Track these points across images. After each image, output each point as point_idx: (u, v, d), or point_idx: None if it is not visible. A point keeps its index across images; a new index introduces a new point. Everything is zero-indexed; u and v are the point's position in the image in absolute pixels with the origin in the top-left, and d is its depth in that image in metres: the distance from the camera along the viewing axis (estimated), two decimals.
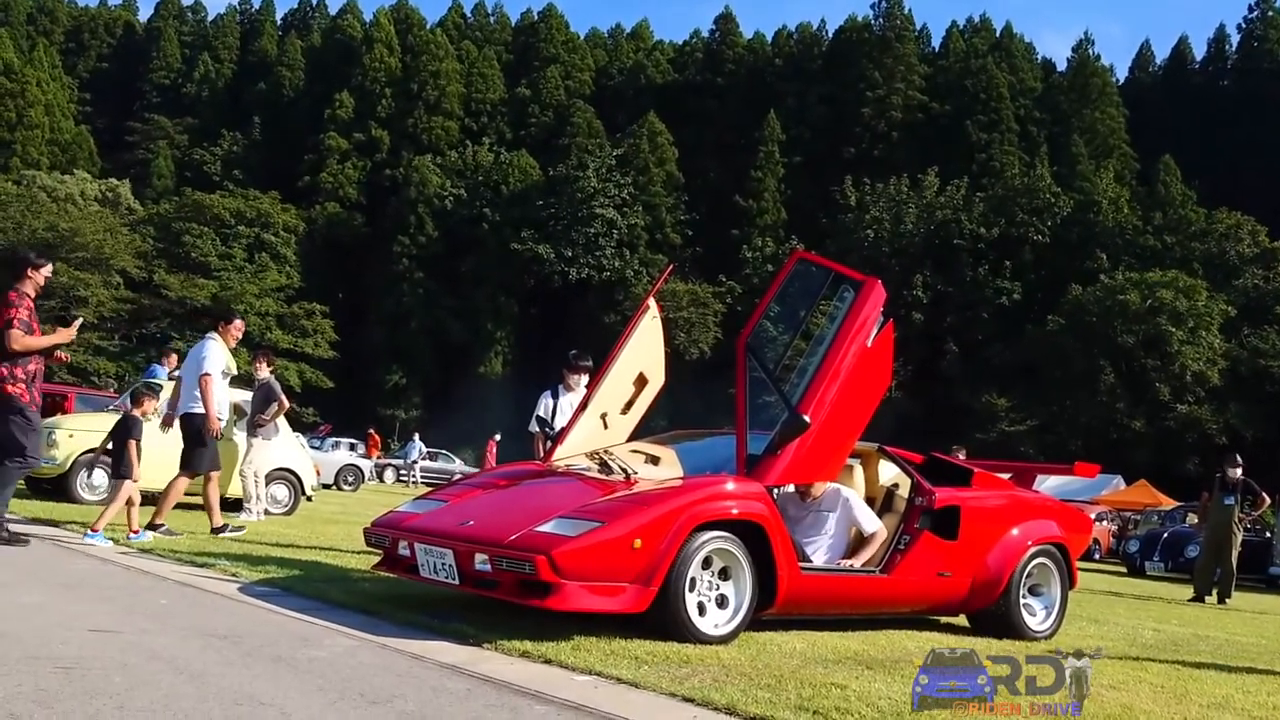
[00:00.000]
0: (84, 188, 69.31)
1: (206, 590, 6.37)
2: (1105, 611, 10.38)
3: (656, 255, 69.03)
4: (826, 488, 6.89)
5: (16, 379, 7.44)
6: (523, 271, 68.07)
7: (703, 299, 64.37)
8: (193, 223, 67.58)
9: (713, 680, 4.82)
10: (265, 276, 67.06)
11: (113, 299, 63.68)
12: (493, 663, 4.92)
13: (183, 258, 66.15)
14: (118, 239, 64.38)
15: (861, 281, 6.52)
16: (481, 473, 7.14)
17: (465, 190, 71.85)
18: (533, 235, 67.47)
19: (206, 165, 77.43)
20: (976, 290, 61.54)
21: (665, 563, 5.51)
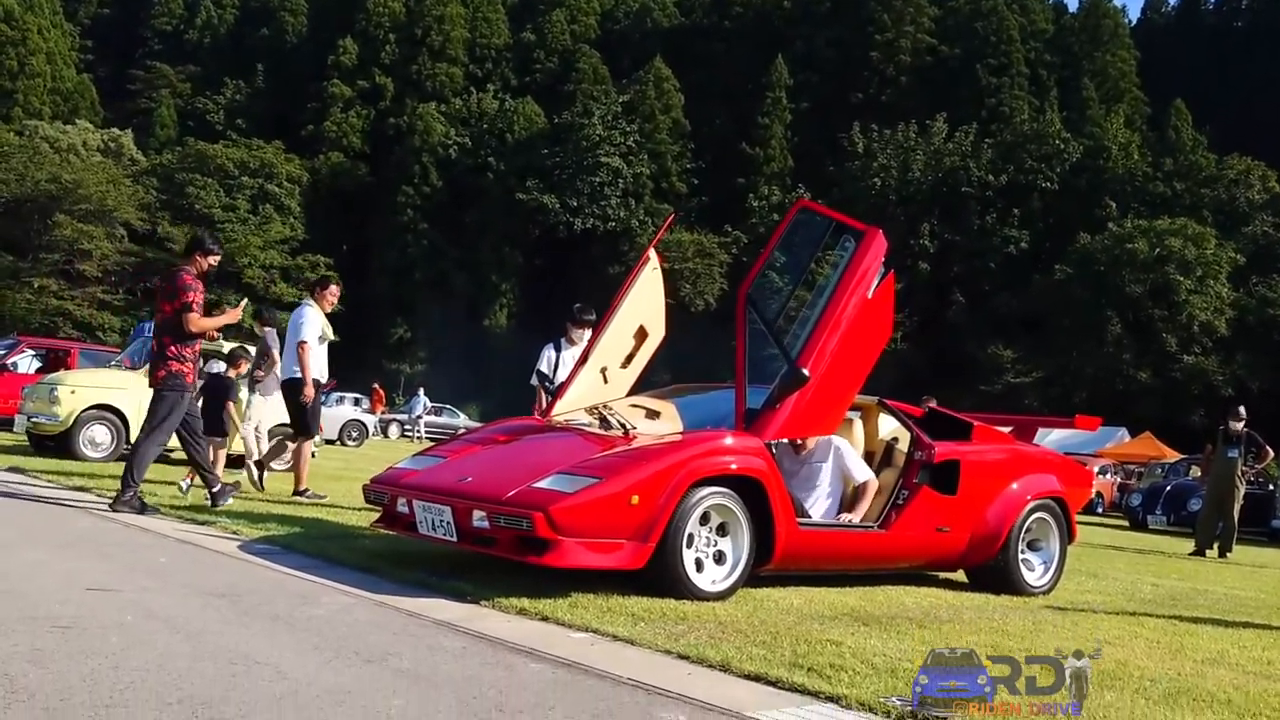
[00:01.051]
0: (86, 138, 68.97)
1: (206, 548, 6.38)
2: (1105, 565, 10.41)
3: (662, 205, 68.69)
4: (819, 439, 6.88)
5: (185, 358, 7.80)
6: (527, 222, 67.83)
7: (708, 249, 64.15)
8: (196, 174, 67.31)
9: (708, 637, 4.83)
10: (269, 228, 66.89)
11: (116, 252, 63.67)
12: (489, 620, 4.93)
13: (186, 209, 65.94)
14: (121, 191, 64.16)
15: (863, 231, 6.47)
16: (481, 428, 7.12)
17: (470, 139, 71.44)
18: (537, 185, 67.14)
19: (209, 114, 76.93)
20: (984, 239, 61.26)
21: (663, 519, 5.51)
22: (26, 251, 62.99)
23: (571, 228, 67.02)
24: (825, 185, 65.51)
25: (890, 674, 4.33)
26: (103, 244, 63.16)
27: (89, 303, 62.73)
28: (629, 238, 66.30)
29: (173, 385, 7.73)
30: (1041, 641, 5.37)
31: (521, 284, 69.23)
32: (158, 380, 7.76)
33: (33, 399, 11.73)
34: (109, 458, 11.46)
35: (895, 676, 4.28)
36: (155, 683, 3.34)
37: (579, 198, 67.06)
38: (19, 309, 60.34)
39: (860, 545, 6.59)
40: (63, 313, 61.07)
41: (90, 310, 62.28)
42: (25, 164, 63.66)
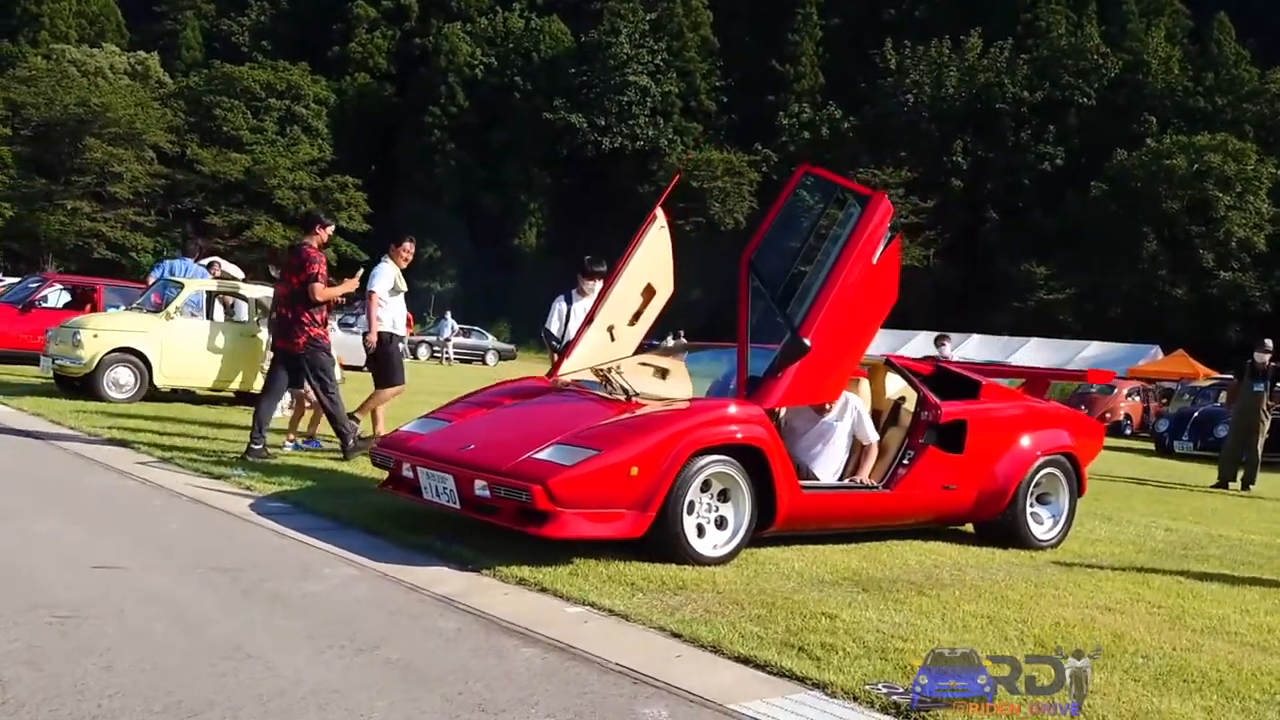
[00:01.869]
0: (113, 61, 68.79)
1: (217, 509, 6.48)
2: (1122, 506, 10.39)
3: (691, 123, 67.99)
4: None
5: (318, 322, 8.57)
6: (555, 142, 67.24)
7: (738, 168, 63.44)
8: (223, 96, 67.02)
9: (704, 611, 4.88)
10: (297, 150, 66.72)
11: (146, 174, 63.80)
12: (488, 594, 5.00)
13: (214, 132, 65.82)
14: (149, 113, 64.13)
15: (868, 196, 6.39)
16: (486, 390, 7.14)
17: (496, 59, 70.65)
18: (565, 104, 66.45)
19: (235, 36, 76.41)
20: (1018, 156, 60.19)
21: (663, 489, 5.54)
22: (58, 175, 63.25)
23: (599, 147, 66.43)
24: (857, 102, 64.52)
25: (881, 655, 4.36)
26: (133, 166, 63.32)
27: (121, 224, 63.04)
28: (658, 156, 65.71)
29: (316, 347, 8.51)
30: (1039, 611, 5.38)
31: (550, 203, 68.89)
32: (299, 347, 8.47)
33: (56, 341, 11.86)
34: (132, 399, 11.61)
35: (885, 658, 4.32)
36: (146, 685, 3.42)
37: (607, 117, 66.36)
38: (53, 231, 60.83)
39: (864, 506, 6.61)
40: (96, 234, 61.50)
41: (123, 232, 62.62)
42: (53, 88, 63.68)
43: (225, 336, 12.13)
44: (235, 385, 12.30)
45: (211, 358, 12.00)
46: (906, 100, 62.89)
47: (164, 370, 11.77)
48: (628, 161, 66.32)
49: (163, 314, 11.89)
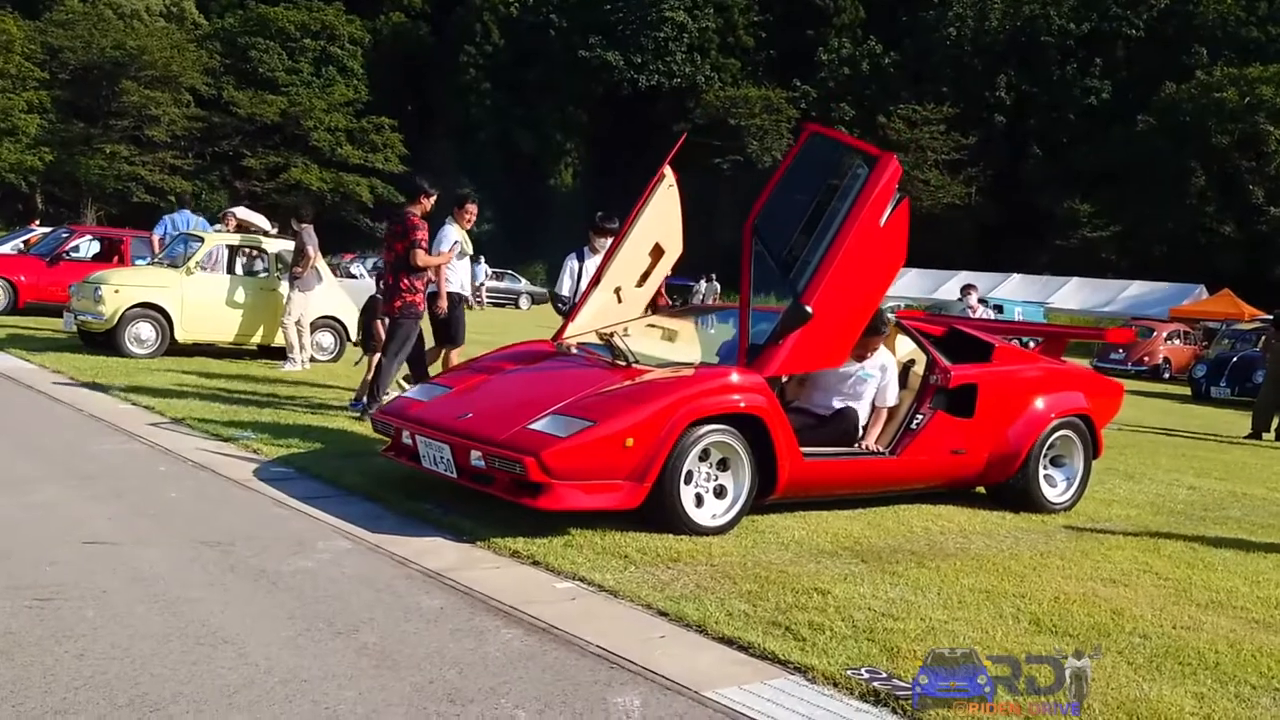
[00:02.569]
0: (149, 3, 68.82)
1: (221, 475, 6.50)
2: (1147, 462, 10.23)
3: (728, 59, 67.01)
4: (880, 351, 6.77)
5: (416, 289, 8.69)
6: (591, 80, 66.55)
7: (775, 105, 62.53)
8: (258, 37, 66.91)
9: (695, 586, 4.84)
10: (333, 91, 66.55)
11: (184, 117, 63.97)
12: (479, 568, 4.99)
13: (250, 73, 65.81)
14: (185, 55, 64.13)
15: (876, 157, 6.22)
16: (489, 355, 7.08)
17: None
18: (600, 42, 65.66)
19: None
20: (1063, 90, 58.85)
21: (659, 459, 5.49)
22: (97, 118, 63.57)
23: (635, 85, 65.69)
24: (898, 37, 63.34)
25: (869, 636, 4.31)
26: (170, 109, 63.50)
27: (159, 167, 63.35)
28: (694, 94, 64.88)
29: (409, 314, 8.68)
30: (1041, 584, 5.30)
31: (586, 143, 68.38)
32: (395, 310, 8.65)
33: (79, 297, 11.95)
34: (154, 354, 11.68)
35: (873, 639, 4.27)
36: (115, 675, 3.42)
37: (643, 54, 65.54)
38: (92, 175, 61.30)
39: (870, 472, 6.52)
40: (135, 178, 61.87)
41: (161, 175, 62.93)
42: (90, 31, 63.83)
43: (245, 291, 12.15)
44: (256, 339, 12.35)
45: (232, 312, 12.05)
46: (949, 34, 61.63)
47: (185, 325, 11.82)
48: (664, 99, 65.57)
49: (183, 269, 11.92)
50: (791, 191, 6.33)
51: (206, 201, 62.07)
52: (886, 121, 58.59)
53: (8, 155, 61.55)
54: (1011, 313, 35.63)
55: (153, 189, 62.09)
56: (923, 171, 58.26)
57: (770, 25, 68.13)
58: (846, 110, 61.70)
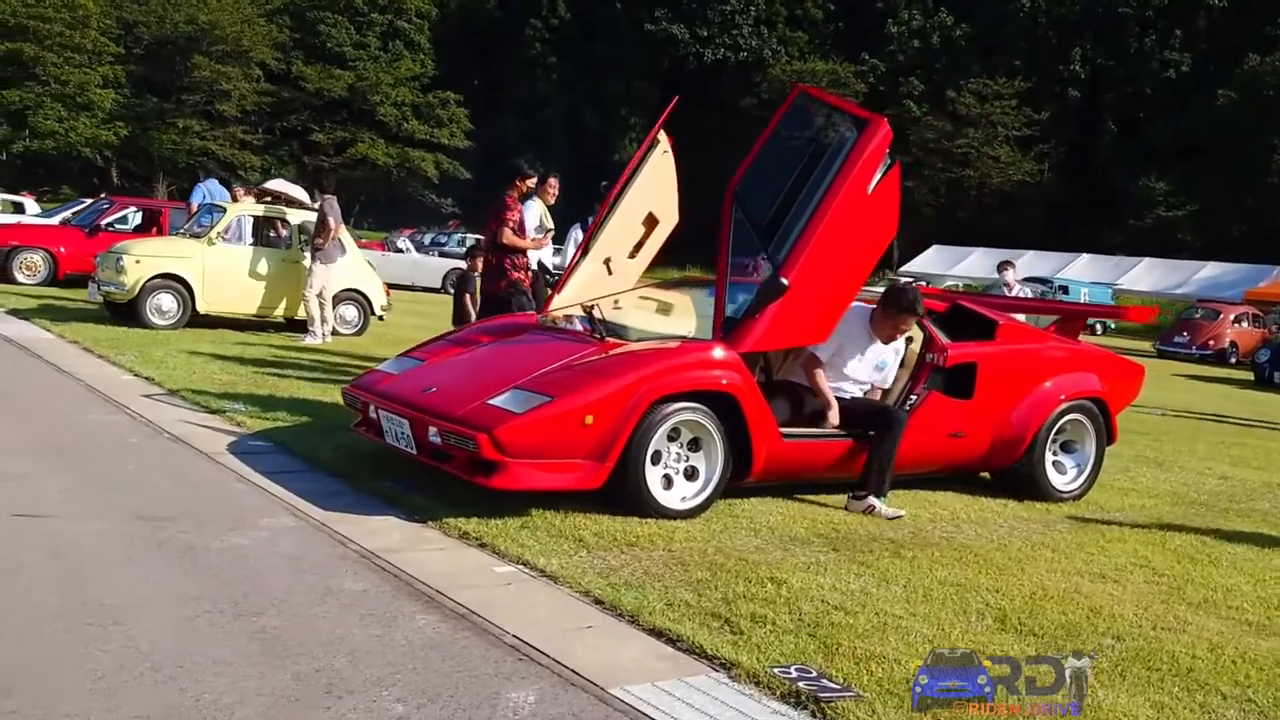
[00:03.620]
0: None
1: (193, 448, 6.37)
2: (1182, 449, 9.77)
3: (796, 33, 66.01)
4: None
5: (518, 266, 8.68)
6: (657, 54, 65.98)
7: (843, 79, 61.45)
8: (327, 11, 67.34)
9: (643, 573, 4.60)
10: (400, 65, 66.80)
11: (254, 92, 64.65)
12: (421, 549, 4.80)
13: (319, 48, 66.28)
14: (255, 30, 64.77)
15: (866, 120, 5.88)
16: (468, 327, 6.88)
17: None
18: (666, 15, 65.04)
19: None
20: (1141, 63, 57.11)
21: (621, 438, 5.24)
22: (170, 93, 64.52)
23: (702, 59, 64.99)
24: (970, 9, 61.89)
25: (811, 631, 4.05)
26: (240, 84, 64.20)
27: (230, 142, 64.17)
28: (761, 68, 64.03)
29: (516, 290, 8.63)
30: (1021, 578, 4.98)
31: (652, 117, 67.89)
32: (499, 289, 8.65)
33: (103, 267, 11.96)
34: (175, 325, 11.66)
35: (814, 635, 4.01)
36: None
37: (709, 27, 64.82)
38: (165, 149, 62.27)
39: (856, 456, 6.18)
40: (206, 152, 62.68)
41: (232, 150, 63.73)
42: (164, 5, 64.75)
43: (268, 263, 12.08)
44: (279, 312, 12.28)
45: (254, 284, 11.99)
46: (1023, 5, 60.09)
47: (206, 297, 11.78)
48: (730, 73, 64.84)
49: (205, 239, 11.87)
50: (776, 156, 6.02)
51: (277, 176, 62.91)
52: (956, 96, 57.40)
53: (84, 130, 62.63)
54: (1077, 293, 34.83)
55: (223, 163, 62.79)
56: (993, 148, 57.08)
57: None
58: (915, 85, 60.49)
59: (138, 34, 64.72)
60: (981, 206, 57.57)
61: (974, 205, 57.78)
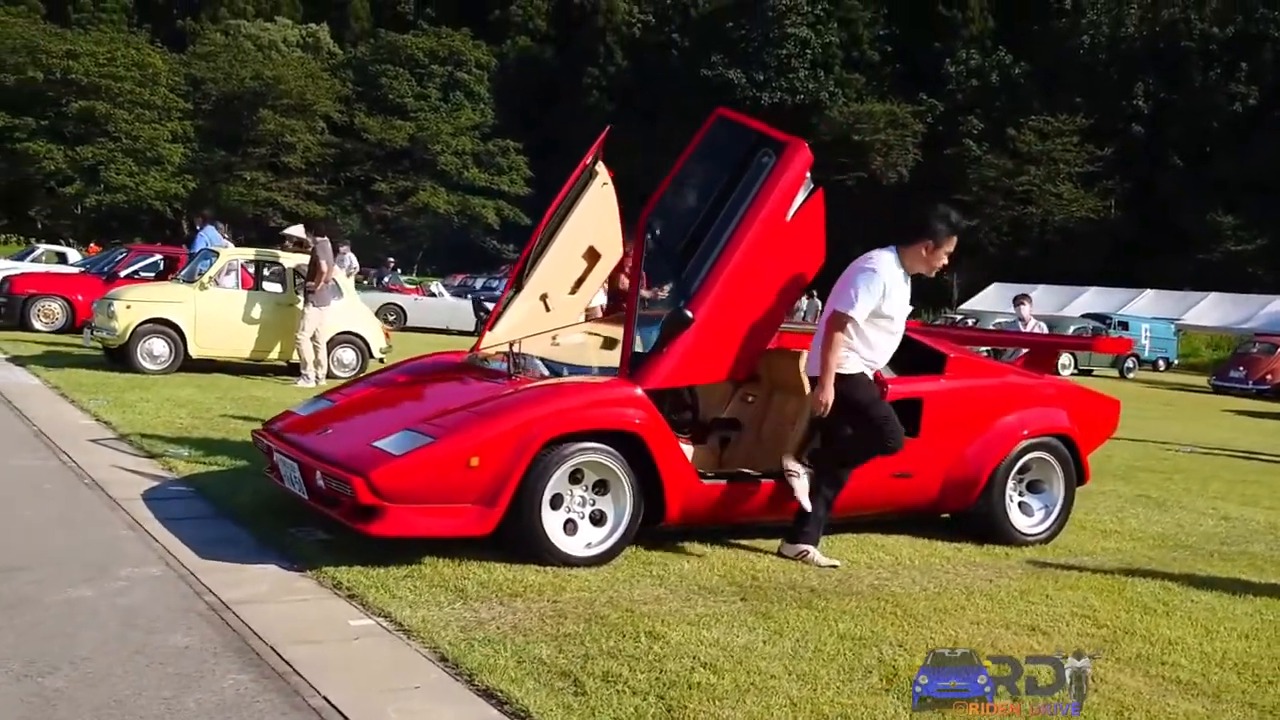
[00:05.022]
0: (286, 34, 71.22)
1: (106, 494, 6.15)
2: (1193, 488, 9.17)
3: (852, 74, 65.75)
4: None
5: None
6: (713, 99, 65.85)
7: (901, 119, 61.04)
8: (389, 64, 68.59)
9: (512, 627, 4.26)
10: (460, 115, 67.73)
11: (318, 144, 65.92)
12: (282, 600, 4.52)
13: (381, 100, 67.50)
14: (319, 84, 66.16)
15: (784, 143, 5.54)
16: (397, 365, 6.62)
17: (653, 16, 69.94)
18: (722, 60, 65.17)
19: (400, 4, 77.90)
20: (1206, 97, 55.84)
21: (512, 481, 4.92)
22: (237, 147, 65.93)
23: (758, 102, 64.79)
24: (1029, 47, 61.20)
25: (660, 693, 3.69)
26: (304, 136, 65.52)
27: (294, 193, 65.31)
28: (818, 110, 63.81)
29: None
30: (934, 632, 4.54)
31: None
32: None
33: (98, 314, 11.95)
34: (167, 369, 11.59)
35: (662, 698, 3.66)
36: None
37: (765, 71, 64.79)
38: (233, 201, 63.50)
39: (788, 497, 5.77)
40: (272, 203, 63.89)
41: (296, 200, 64.83)
42: (231, 63, 66.40)
43: (261, 306, 11.99)
44: (274, 355, 12.17)
45: (247, 328, 11.89)
46: (1083, 42, 59.38)
47: (198, 341, 11.70)
48: (787, 116, 64.51)
49: (197, 284, 11.81)
50: (693, 183, 5.71)
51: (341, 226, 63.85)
52: (1017, 134, 56.61)
53: (154, 183, 64.30)
54: (1137, 329, 33.87)
55: (288, 214, 63.94)
56: (1055, 185, 56.12)
57: (896, 38, 66.69)
58: (975, 123, 59.80)
59: (206, 90, 66.32)
60: (1044, 244, 56.57)
61: (1037, 243, 56.80)
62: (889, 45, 67.02)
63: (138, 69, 64.44)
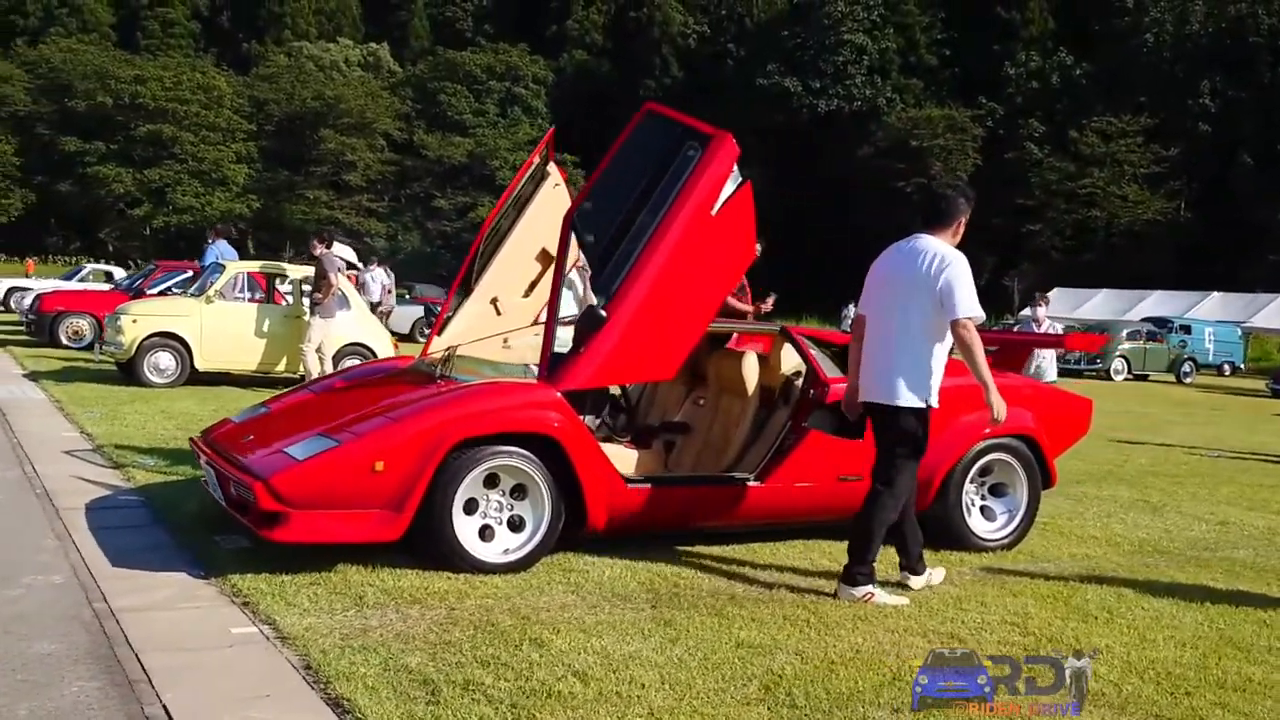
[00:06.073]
0: (347, 54, 72.31)
1: (51, 504, 6.15)
2: (1200, 492, 8.80)
3: (910, 80, 65.00)
4: None
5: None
6: (770, 107, 65.70)
7: (960, 124, 60.17)
8: (447, 81, 69.24)
9: (395, 635, 4.16)
10: (517, 130, 68.09)
11: (378, 162, 66.75)
12: (172, 608, 4.46)
13: (439, 117, 68.16)
14: (379, 103, 67.06)
15: (709, 136, 5.38)
16: (338, 374, 6.57)
17: (709, 26, 69.85)
18: (778, 69, 64.79)
19: (459, 22, 78.73)
20: (1276, 94, 54.38)
21: (419, 486, 4.81)
22: (299, 166, 67.02)
23: (815, 110, 64.44)
24: (1090, 47, 60.08)
25: (514, 702, 3.56)
26: (365, 155, 66.40)
27: (355, 210, 66.18)
28: (875, 116, 63.21)
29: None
30: (844, 640, 4.36)
31: (765, 171, 67.46)
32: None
33: (109, 328, 12.10)
34: (174, 383, 11.69)
35: (515, 707, 3.54)
36: None
37: (822, 79, 64.23)
38: (295, 220, 64.53)
39: (726, 501, 5.61)
40: (333, 221, 64.71)
41: (357, 218, 65.68)
42: (293, 83, 67.58)
43: (268, 319, 12.05)
44: (280, 367, 12.21)
45: (254, 340, 11.96)
46: (1146, 41, 58.10)
47: (204, 354, 11.79)
48: (844, 124, 64.14)
49: (203, 298, 11.91)
50: (618, 180, 5.56)
51: (401, 243, 64.60)
52: (1079, 136, 55.63)
53: (219, 203, 65.59)
54: (1200, 333, 32.97)
55: (350, 231, 64.86)
56: (1119, 187, 55.00)
57: (954, 43, 65.85)
58: (1036, 126, 58.80)
59: (269, 111, 67.52)
60: (1110, 247, 55.40)
61: (1102, 246, 55.66)
62: (947, 49, 66.19)
63: (203, 92, 65.86)
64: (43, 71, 66.22)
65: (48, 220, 67.37)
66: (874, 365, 5.02)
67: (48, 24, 75.40)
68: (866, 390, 5.05)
